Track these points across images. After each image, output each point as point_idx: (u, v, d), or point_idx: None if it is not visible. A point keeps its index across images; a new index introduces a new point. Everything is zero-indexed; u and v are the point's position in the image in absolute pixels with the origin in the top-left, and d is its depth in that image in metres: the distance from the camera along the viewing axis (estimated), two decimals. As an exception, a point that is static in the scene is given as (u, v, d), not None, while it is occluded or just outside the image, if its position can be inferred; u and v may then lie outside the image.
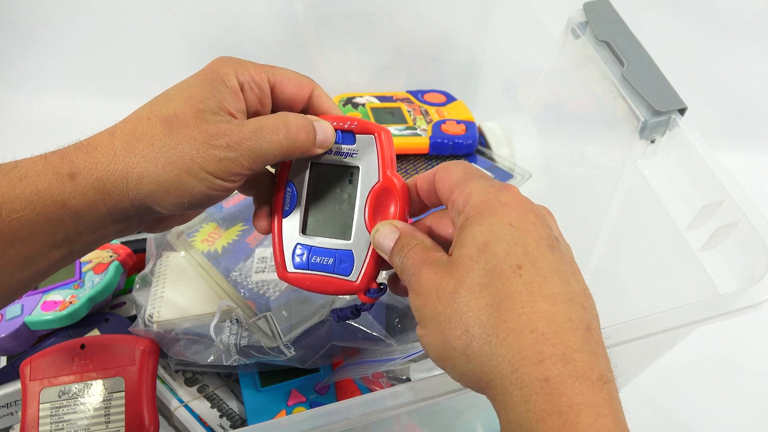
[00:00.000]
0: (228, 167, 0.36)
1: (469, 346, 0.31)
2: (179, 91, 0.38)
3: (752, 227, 0.47)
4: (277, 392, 0.59)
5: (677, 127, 0.53)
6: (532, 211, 0.34)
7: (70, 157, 0.36)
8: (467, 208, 0.34)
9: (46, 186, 0.34)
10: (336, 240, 0.41)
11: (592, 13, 0.59)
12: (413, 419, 0.53)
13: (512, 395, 0.30)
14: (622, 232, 0.64)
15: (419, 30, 0.82)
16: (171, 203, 0.36)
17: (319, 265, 0.41)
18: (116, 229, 0.38)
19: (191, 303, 0.58)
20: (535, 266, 0.32)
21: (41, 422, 0.52)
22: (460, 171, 0.37)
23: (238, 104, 0.38)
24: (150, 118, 0.36)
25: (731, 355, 0.74)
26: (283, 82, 0.40)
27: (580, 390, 0.29)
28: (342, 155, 0.41)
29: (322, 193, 0.41)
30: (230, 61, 0.40)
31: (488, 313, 0.31)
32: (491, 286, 0.31)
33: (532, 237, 0.32)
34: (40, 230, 0.34)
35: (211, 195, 0.37)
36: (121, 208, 0.36)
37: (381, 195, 0.40)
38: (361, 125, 0.40)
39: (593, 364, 0.30)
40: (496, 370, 0.30)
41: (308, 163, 0.41)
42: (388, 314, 0.59)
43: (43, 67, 0.82)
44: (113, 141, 0.36)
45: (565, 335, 0.30)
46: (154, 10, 0.77)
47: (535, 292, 0.31)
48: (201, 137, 0.36)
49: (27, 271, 0.35)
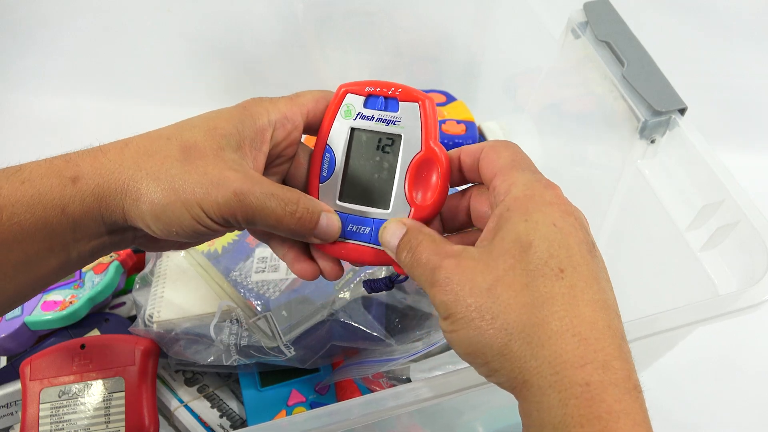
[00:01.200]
0: (225, 213, 0.35)
1: (507, 345, 0.31)
2: (205, 121, 0.37)
3: (752, 227, 0.47)
4: (277, 392, 0.59)
5: (677, 127, 0.53)
6: (573, 213, 0.33)
7: (75, 161, 0.35)
8: (508, 199, 0.34)
9: (48, 189, 0.34)
10: (374, 209, 0.40)
11: (592, 13, 0.59)
12: (414, 419, 0.53)
13: (550, 398, 0.30)
14: (622, 232, 0.64)
15: (419, 30, 0.82)
16: (160, 229, 0.36)
17: (355, 233, 0.40)
18: (112, 241, 0.38)
19: (191, 303, 0.58)
20: (577, 271, 0.31)
21: (41, 422, 0.52)
22: (509, 156, 0.36)
23: (260, 145, 0.38)
24: (170, 139, 0.36)
25: (731, 355, 0.74)
26: (315, 107, 0.40)
27: (619, 397, 0.29)
28: (384, 122, 0.40)
29: (361, 159, 0.40)
30: (262, 101, 0.39)
31: (530, 313, 0.31)
32: (533, 286, 0.31)
33: (574, 240, 0.32)
34: (39, 235, 0.34)
35: (197, 231, 0.36)
36: (115, 220, 0.36)
37: (423, 165, 0.39)
38: (405, 92, 0.39)
39: (630, 372, 0.30)
40: (535, 371, 0.30)
41: (348, 128, 0.40)
42: (388, 314, 0.59)
43: (43, 67, 0.82)
44: (125, 151, 0.36)
45: (605, 342, 0.30)
46: (154, 10, 0.77)
47: (577, 296, 0.31)
48: (212, 175, 0.35)
49: (25, 277, 0.35)
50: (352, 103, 0.40)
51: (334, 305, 0.56)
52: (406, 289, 0.59)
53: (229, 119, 0.37)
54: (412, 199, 0.39)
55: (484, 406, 0.54)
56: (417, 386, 0.40)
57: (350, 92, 0.40)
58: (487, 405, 0.32)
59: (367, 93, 0.40)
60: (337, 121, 0.40)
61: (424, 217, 0.39)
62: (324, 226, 0.39)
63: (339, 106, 0.40)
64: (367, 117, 0.40)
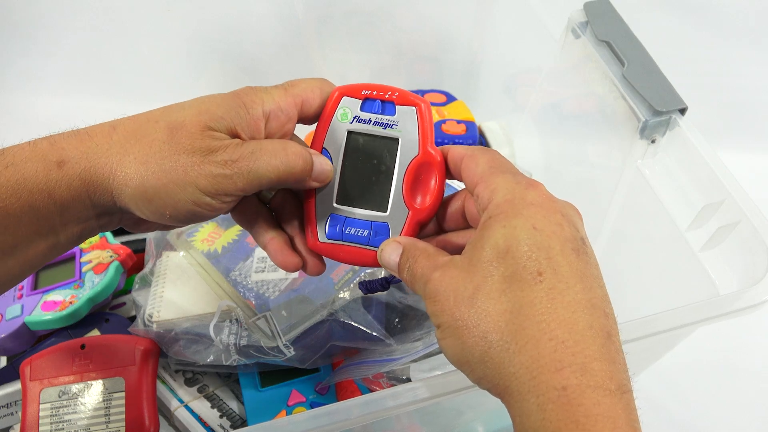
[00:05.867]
0: (220, 185, 0.35)
1: (487, 353, 0.31)
2: (196, 103, 0.37)
3: (753, 227, 0.47)
4: (278, 392, 0.59)
5: (678, 127, 0.53)
6: (558, 211, 0.33)
7: (60, 144, 0.35)
8: (491, 206, 0.34)
9: (33, 173, 0.34)
10: (372, 212, 0.40)
11: (592, 13, 0.59)
12: (414, 419, 0.52)
13: (529, 403, 0.30)
14: (623, 232, 0.64)
15: (419, 30, 0.82)
16: (151, 211, 0.36)
17: (353, 236, 0.40)
18: (100, 224, 0.37)
19: (191, 303, 0.57)
20: (558, 272, 0.31)
21: (41, 422, 0.52)
22: (486, 163, 0.36)
23: (252, 133, 0.37)
24: (158, 122, 0.36)
25: (732, 355, 0.74)
26: (309, 97, 0.40)
27: (598, 400, 0.29)
28: (381, 125, 0.40)
29: (358, 162, 0.41)
30: (256, 90, 0.39)
31: (507, 320, 0.31)
32: (510, 292, 0.31)
33: (556, 240, 0.32)
34: (26, 219, 0.34)
35: (195, 212, 0.36)
36: (104, 203, 0.36)
37: (420, 168, 0.39)
38: (402, 96, 0.40)
39: (612, 373, 0.30)
40: (513, 377, 0.30)
41: (345, 131, 0.40)
42: (388, 314, 0.59)
43: (43, 67, 0.83)
44: (112, 135, 0.36)
45: (585, 344, 0.30)
46: (153, 10, 0.77)
47: (556, 299, 0.30)
48: (200, 150, 0.35)
49: (13, 261, 0.35)
50: (349, 107, 0.40)
51: (334, 305, 0.56)
52: (405, 289, 0.59)
53: (221, 104, 0.37)
54: (410, 202, 0.40)
55: (483, 406, 0.54)
56: (416, 386, 0.40)
57: (346, 95, 0.40)
58: (487, 405, 0.32)
59: (363, 96, 0.40)
60: (334, 125, 0.40)
61: (422, 219, 0.40)
62: (319, 167, 0.39)
63: (335, 109, 0.40)
64: (364, 120, 0.40)
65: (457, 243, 0.40)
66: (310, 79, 0.40)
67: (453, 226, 0.41)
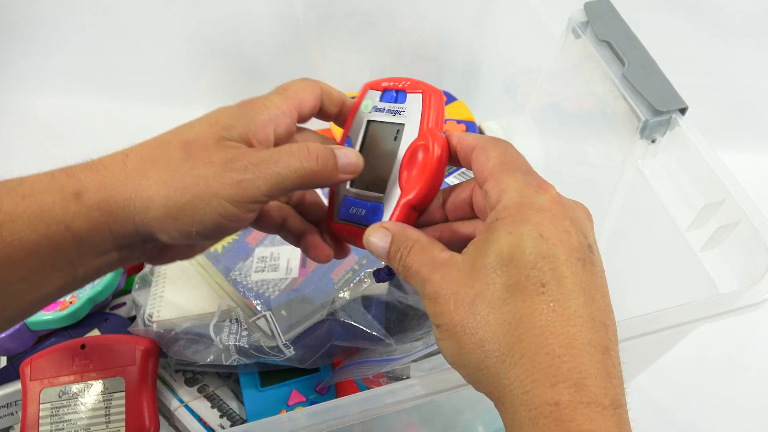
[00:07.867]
0: (245, 191, 0.34)
1: (483, 362, 0.31)
2: (204, 118, 0.37)
3: (753, 227, 0.47)
4: (278, 392, 0.59)
5: (678, 127, 0.53)
6: (568, 216, 0.32)
7: (77, 176, 0.34)
8: (499, 207, 0.33)
9: (51, 205, 0.33)
10: (373, 192, 0.41)
11: (592, 13, 0.59)
12: (414, 418, 0.52)
13: (521, 416, 0.29)
14: (623, 232, 0.64)
15: (419, 30, 0.82)
16: (178, 231, 0.35)
17: (354, 215, 0.41)
18: (120, 257, 0.37)
19: (191, 303, 0.58)
20: (561, 284, 0.31)
21: (41, 422, 0.52)
22: (497, 157, 0.35)
23: (263, 137, 0.37)
24: (170, 142, 0.36)
25: (732, 354, 0.74)
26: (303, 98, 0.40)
27: (590, 417, 0.28)
28: (392, 113, 0.41)
29: (372, 149, 0.42)
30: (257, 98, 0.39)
31: (506, 331, 0.30)
32: (512, 302, 0.30)
33: (563, 249, 0.31)
34: (43, 252, 0.33)
35: (221, 225, 0.35)
36: (126, 233, 0.35)
37: (416, 150, 0.40)
38: (412, 85, 0.41)
39: (607, 389, 0.29)
40: (507, 389, 0.30)
41: (365, 120, 0.42)
42: (388, 314, 0.59)
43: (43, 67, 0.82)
44: (126, 162, 0.35)
45: (582, 359, 0.29)
46: (154, 9, 0.77)
47: (556, 311, 0.30)
48: (219, 160, 0.34)
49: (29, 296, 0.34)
50: (371, 98, 0.43)
51: (334, 305, 0.56)
52: (406, 289, 0.59)
53: (230, 114, 0.37)
54: (402, 183, 0.40)
55: (483, 405, 0.53)
56: (414, 383, 0.40)
57: (371, 88, 0.43)
58: (486, 404, 0.32)
59: (383, 88, 0.42)
60: (358, 116, 0.43)
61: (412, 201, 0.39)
62: (344, 159, 0.38)
63: (361, 101, 0.43)
64: (380, 109, 0.42)
65: (462, 233, 0.39)
66: (299, 80, 0.41)
67: (460, 215, 0.40)
